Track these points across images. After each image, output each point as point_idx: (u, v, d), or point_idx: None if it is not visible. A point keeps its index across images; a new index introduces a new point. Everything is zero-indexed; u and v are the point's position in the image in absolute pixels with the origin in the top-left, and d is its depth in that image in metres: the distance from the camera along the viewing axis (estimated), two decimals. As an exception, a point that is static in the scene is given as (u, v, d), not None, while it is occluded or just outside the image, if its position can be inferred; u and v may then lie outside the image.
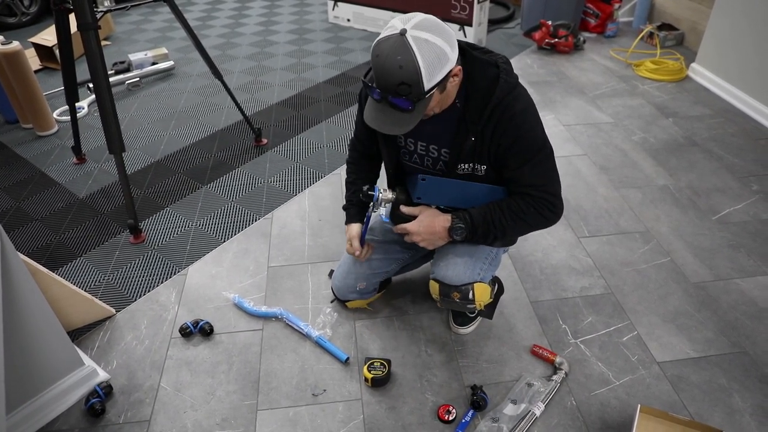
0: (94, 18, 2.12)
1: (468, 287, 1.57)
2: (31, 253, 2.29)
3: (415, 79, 1.22)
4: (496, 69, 1.38)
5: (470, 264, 1.59)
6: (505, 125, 1.38)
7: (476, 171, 1.49)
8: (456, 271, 1.58)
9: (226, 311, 1.98)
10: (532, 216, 1.46)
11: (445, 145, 1.49)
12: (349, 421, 1.60)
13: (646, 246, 2.21)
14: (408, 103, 1.26)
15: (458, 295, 1.58)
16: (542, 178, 1.45)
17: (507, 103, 1.37)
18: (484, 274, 1.61)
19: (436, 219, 1.51)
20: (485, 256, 1.64)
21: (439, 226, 1.50)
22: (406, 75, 1.21)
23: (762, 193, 2.50)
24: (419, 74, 1.21)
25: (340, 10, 4.89)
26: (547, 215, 1.47)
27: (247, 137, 3.12)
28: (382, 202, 1.57)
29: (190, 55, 4.35)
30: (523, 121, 1.39)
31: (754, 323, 1.87)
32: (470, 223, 1.48)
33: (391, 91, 1.25)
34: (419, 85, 1.22)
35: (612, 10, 4.28)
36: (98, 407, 1.62)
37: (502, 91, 1.36)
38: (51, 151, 3.08)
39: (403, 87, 1.23)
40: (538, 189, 1.44)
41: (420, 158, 1.57)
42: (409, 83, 1.22)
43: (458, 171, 1.50)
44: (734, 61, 3.28)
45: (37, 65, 4.19)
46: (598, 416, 1.59)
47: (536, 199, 1.45)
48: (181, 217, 2.48)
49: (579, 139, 2.97)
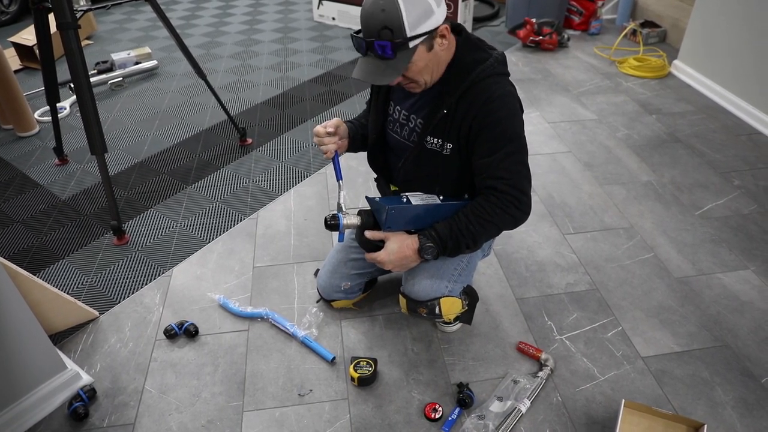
0: (73, 17, 2.09)
1: (434, 303, 1.57)
2: (12, 256, 2.26)
3: (396, 23, 1.25)
4: (487, 56, 1.41)
5: (437, 278, 1.58)
6: (479, 107, 1.37)
7: (444, 149, 1.47)
8: (422, 286, 1.57)
9: (212, 312, 1.96)
10: (499, 216, 1.41)
11: (422, 116, 1.49)
12: (335, 420, 1.60)
13: (630, 242, 2.23)
14: (390, 48, 1.28)
15: (425, 311, 1.59)
16: (509, 171, 1.40)
17: (486, 85, 1.37)
18: (452, 287, 1.59)
19: (405, 243, 1.47)
20: (454, 268, 1.61)
21: (409, 250, 1.46)
22: (387, 18, 1.25)
23: (743, 189, 2.53)
24: (400, 17, 1.25)
25: (325, 9, 4.87)
26: (514, 213, 1.42)
27: (232, 137, 3.10)
28: (346, 228, 1.52)
29: (174, 55, 4.31)
30: (499, 107, 1.37)
31: (736, 317, 1.89)
32: (437, 239, 1.44)
33: (373, 36, 1.28)
34: (401, 29, 1.26)
35: (596, 7, 4.31)
36: (81, 411, 1.60)
37: (484, 72, 1.38)
38: (32, 152, 3.03)
39: (385, 32, 1.26)
40: (505, 182, 1.39)
41: (400, 127, 1.57)
42: (391, 27, 1.25)
43: (427, 144, 1.49)
44: (715, 58, 3.32)
45: (17, 65, 4.13)
46: (584, 411, 1.60)
47: (501, 195, 1.40)
48: (165, 217, 2.46)
49: (564, 137, 2.99)
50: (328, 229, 1.52)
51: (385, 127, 1.62)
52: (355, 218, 1.53)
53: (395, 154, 1.64)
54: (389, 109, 1.59)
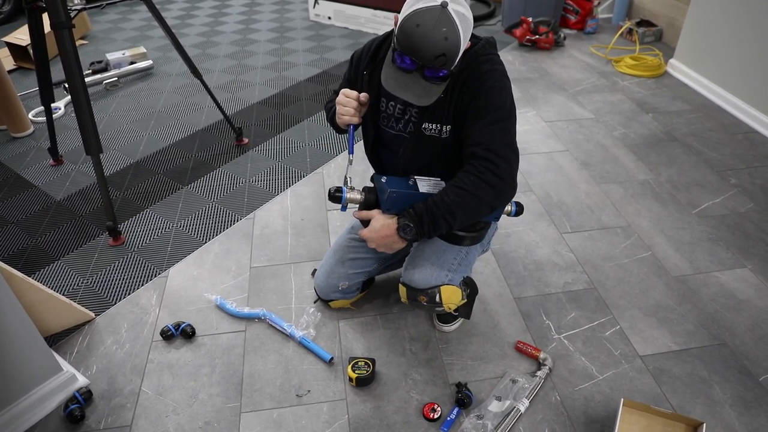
0: (67, 17, 2.07)
1: (434, 290, 1.56)
2: (7, 258, 2.24)
3: (455, 52, 1.25)
4: (477, 40, 1.44)
5: (437, 267, 1.57)
6: (470, 82, 1.39)
7: (442, 133, 1.47)
8: (422, 274, 1.57)
9: (208, 313, 1.95)
10: (474, 184, 1.34)
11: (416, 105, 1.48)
12: (333, 421, 1.59)
13: (628, 240, 2.23)
14: (445, 74, 1.28)
15: (425, 299, 1.58)
16: (491, 137, 1.35)
17: (477, 64, 1.40)
18: (452, 276, 1.59)
19: (386, 222, 1.45)
20: (454, 258, 1.61)
21: (389, 230, 1.43)
22: (448, 47, 1.24)
23: (740, 187, 2.54)
24: (460, 47, 1.25)
25: (321, 8, 4.86)
26: (491, 180, 1.33)
27: (228, 137, 3.08)
28: (349, 203, 1.53)
29: (170, 54, 4.29)
30: (487, 78, 1.39)
31: (733, 315, 1.89)
32: (414, 216, 1.39)
33: (428, 62, 1.26)
34: (455, 57, 1.26)
35: (592, 6, 4.32)
36: (78, 413, 1.59)
37: (475, 53, 1.40)
38: (26, 153, 3.01)
39: (441, 58, 1.25)
40: (483, 147, 1.35)
41: (396, 122, 1.57)
42: (449, 56, 1.25)
43: (425, 131, 1.49)
44: (711, 57, 3.33)
45: (11, 65, 4.10)
46: (582, 411, 1.60)
47: (477, 162, 1.34)
48: (161, 218, 2.45)
49: (560, 135, 2.99)
50: (331, 201, 1.53)
51: (379, 125, 1.62)
52: (358, 194, 1.54)
53: (389, 149, 1.64)
54: (381, 105, 1.58)
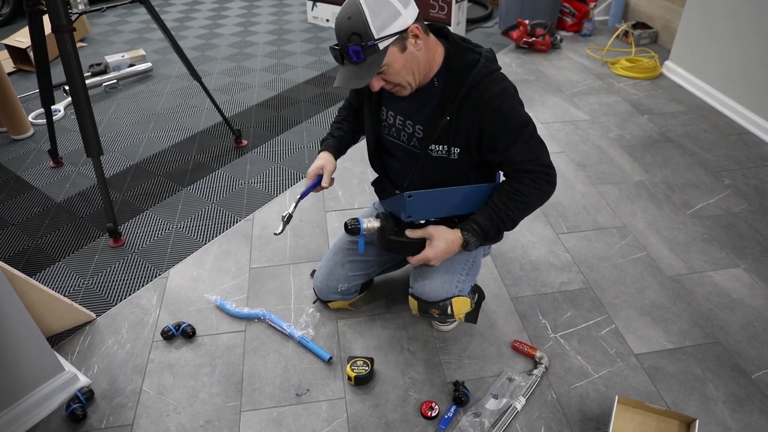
0: (68, 20, 2.09)
1: (446, 303, 1.57)
2: (8, 259, 2.26)
3: (363, 28, 1.30)
4: (478, 56, 1.44)
5: (447, 278, 1.59)
6: (483, 108, 1.40)
7: (450, 154, 1.49)
8: (433, 287, 1.58)
9: (208, 313, 1.97)
10: (533, 195, 1.47)
11: (420, 122, 1.51)
12: (333, 420, 1.61)
13: (623, 241, 2.26)
14: (360, 52, 1.33)
15: (437, 311, 1.59)
16: (532, 153, 1.46)
17: (485, 86, 1.41)
18: (462, 287, 1.60)
19: (449, 239, 1.49)
20: (462, 267, 1.63)
21: (454, 246, 1.49)
22: (354, 24, 1.30)
23: (734, 188, 2.56)
24: (366, 22, 1.29)
25: (319, 11, 4.89)
26: (545, 188, 1.48)
27: (227, 139, 3.10)
28: (366, 232, 1.55)
29: (169, 57, 4.31)
30: (503, 101, 1.42)
31: (727, 314, 1.92)
32: (480, 232, 1.48)
33: (344, 43, 1.34)
34: (368, 33, 1.31)
35: (588, 9, 4.34)
36: (79, 413, 1.60)
37: (479, 74, 1.41)
38: (27, 155, 3.03)
39: (354, 37, 1.31)
40: (532, 163, 1.46)
41: (397, 132, 1.58)
42: (359, 32, 1.30)
43: (432, 152, 1.50)
44: (706, 59, 3.36)
45: (10, 67, 4.11)
46: (578, 408, 1.62)
47: (533, 176, 1.46)
48: (161, 219, 2.47)
49: (557, 137, 3.01)
50: (349, 234, 1.55)
51: (380, 133, 1.64)
52: (375, 221, 1.55)
53: (392, 156, 1.66)
54: (382, 114, 1.61)
